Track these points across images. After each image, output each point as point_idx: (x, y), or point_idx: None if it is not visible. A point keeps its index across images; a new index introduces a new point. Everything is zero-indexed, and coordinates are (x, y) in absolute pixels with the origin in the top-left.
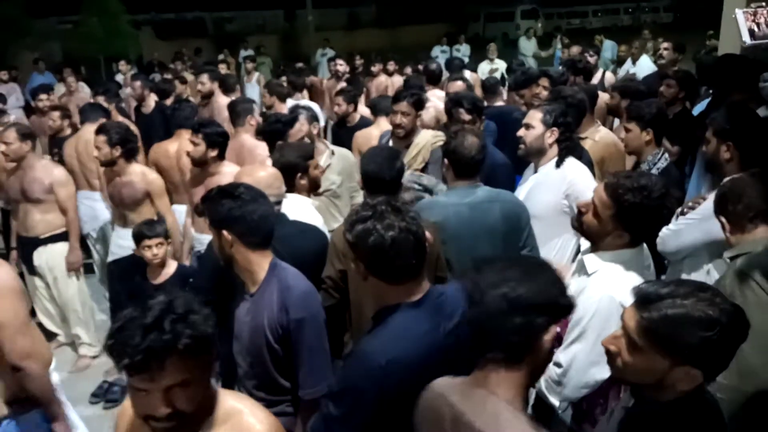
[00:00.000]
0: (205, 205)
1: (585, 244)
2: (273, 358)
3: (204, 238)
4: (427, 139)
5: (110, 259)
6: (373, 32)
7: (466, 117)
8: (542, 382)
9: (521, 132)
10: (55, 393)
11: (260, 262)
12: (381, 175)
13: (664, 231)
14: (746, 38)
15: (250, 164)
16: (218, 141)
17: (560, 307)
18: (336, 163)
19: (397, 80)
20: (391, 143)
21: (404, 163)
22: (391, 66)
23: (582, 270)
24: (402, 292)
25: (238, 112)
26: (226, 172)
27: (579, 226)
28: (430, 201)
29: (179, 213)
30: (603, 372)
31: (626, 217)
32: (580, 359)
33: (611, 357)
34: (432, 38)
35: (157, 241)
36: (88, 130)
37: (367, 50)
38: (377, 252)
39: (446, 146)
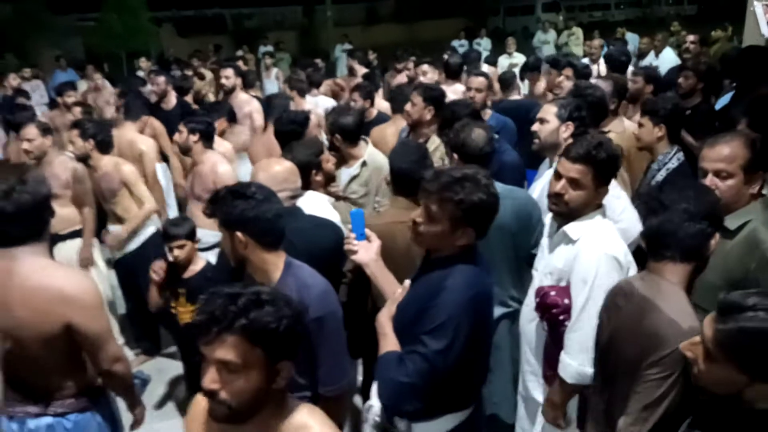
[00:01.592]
0: (215, 207)
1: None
2: None
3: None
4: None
5: (115, 257)
6: (391, 27)
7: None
8: (574, 363)
9: (536, 126)
10: (134, 386)
11: (275, 262)
12: (414, 174)
13: None
14: (765, 31)
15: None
16: (198, 128)
17: (720, 219)
18: (365, 176)
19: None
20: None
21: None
22: (411, 63)
23: (565, 239)
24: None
25: (274, 106)
26: (207, 159)
27: (562, 207)
28: None
29: None
30: None
31: (604, 171)
32: (594, 318)
33: (690, 362)
34: (451, 33)
35: (177, 243)
36: (130, 128)
37: (386, 45)
38: (482, 209)
39: (454, 140)
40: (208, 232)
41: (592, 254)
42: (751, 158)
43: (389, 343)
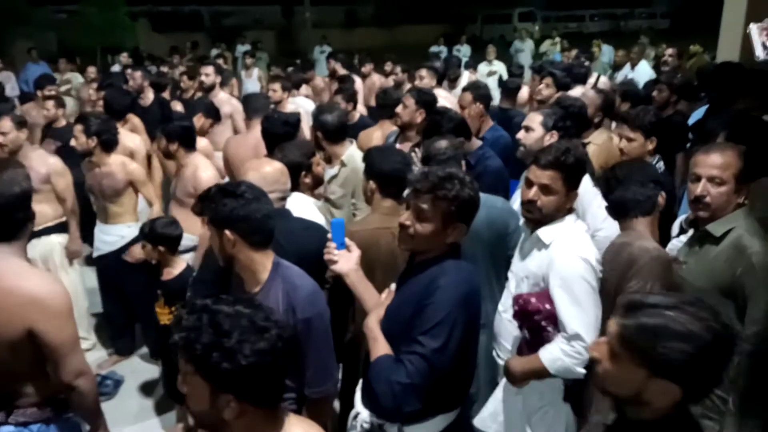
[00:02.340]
0: (204, 205)
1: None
2: None
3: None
4: None
5: (96, 254)
6: (370, 30)
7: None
8: (566, 360)
9: (521, 134)
10: (99, 406)
11: (263, 262)
12: (402, 174)
13: (675, 243)
14: (760, 53)
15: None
16: (176, 134)
17: (660, 182)
18: (342, 176)
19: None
20: (398, 144)
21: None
22: (388, 66)
23: (538, 244)
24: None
25: (256, 107)
26: (189, 163)
27: (536, 213)
28: None
29: None
30: (599, 321)
31: (573, 176)
32: (587, 323)
33: (595, 363)
34: (430, 38)
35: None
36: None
37: (365, 48)
38: (471, 205)
39: (425, 153)
40: (187, 236)
41: (566, 258)
42: (743, 168)
43: (381, 347)
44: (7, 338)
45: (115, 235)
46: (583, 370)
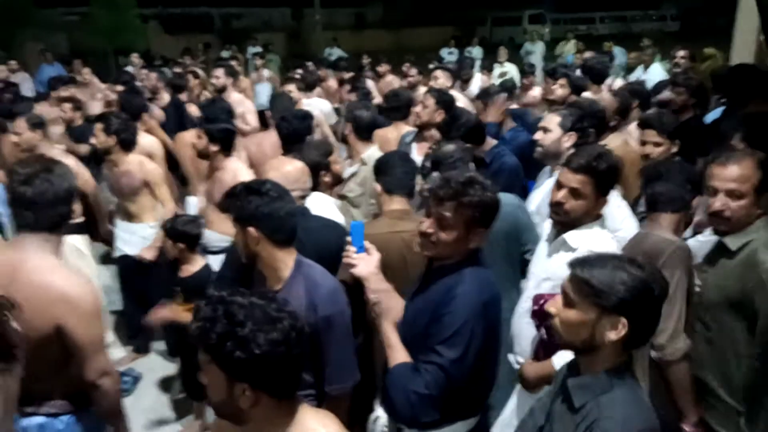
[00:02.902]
0: (229, 201)
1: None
2: None
3: (208, 234)
4: None
5: (117, 254)
6: (379, 33)
7: None
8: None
9: (538, 135)
10: (122, 408)
11: (285, 259)
12: (407, 177)
13: (692, 243)
14: None
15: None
16: (219, 137)
17: (698, 185)
18: (361, 175)
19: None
20: (414, 145)
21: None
22: (406, 67)
23: (564, 247)
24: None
25: (281, 107)
26: (228, 168)
27: (563, 216)
28: None
29: (193, 204)
30: None
31: (604, 182)
32: None
33: (551, 319)
34: (439, 41)
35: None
36: None
37: (374, 51)
38: (493, 208)
39: (433, 158)
40: (225, 237)
41: None
42: (762, 179)
43: (399, 354)
44: (36, 332)
45: (137, 236)
46: None
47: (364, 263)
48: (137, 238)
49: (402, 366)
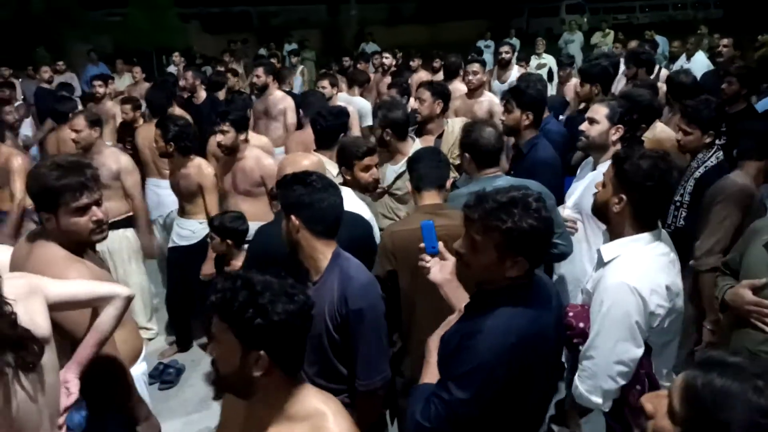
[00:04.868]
0: (278, 190)
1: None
2: (332, 346)
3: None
4: (461, 126)
5: (170, 245)
6: (414, 27)
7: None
8: (577, 382)
9: (584, 126)
10: (139, 394)
11: (324, 251)
12: (442, 171)
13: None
14: None
15: None
16: (245, 124)
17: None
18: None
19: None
20: (419, 139)
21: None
22: (437, 63)
23: (600, 261)
24: (525, 271)
25: (312, 103)
26: (249, 155)
27: (595, 208)
28: (453, 193)
29: None
30: (629, 358)
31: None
32: (606, 351)
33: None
34: (474, 34)
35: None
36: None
37: (409, 45)
38: (534, 237)
39: (465, 140)
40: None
41: (610, 283)
42: None
43: (429, 373)
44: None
45: (187, 229)
46: (599, 400)
47: (438, 268)
48: (187, 231)
49: (423, 387)
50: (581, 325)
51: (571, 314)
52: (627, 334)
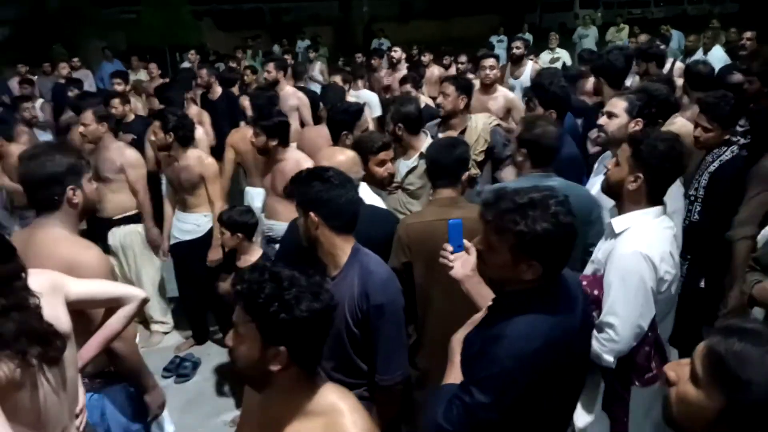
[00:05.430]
0: (294, 186)
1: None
2: (352, 341)
3: (274, 224)
4: (484, 122)
5: (171, 242)
6: (425, 23)
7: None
8: (596, 346)
9: (603, 120)
10: (144, 366)
11: (343, 246)
12: (441, 161)
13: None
14: None
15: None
16: (277, 130)
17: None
18: (422, 168)
19: (452, 72)
20: (440, 135)
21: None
22: (446, 60)
23: (611, 233)
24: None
25: (332, 98)
26: (290, 158)
27: (607, 185)
28: (496, 186)
29: (257, 195)
30: (645, 321)
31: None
32: (626, 316)
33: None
34: (485, 29)
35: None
36: None
37: (420, 41)
38: (549, 241)
39: (524, 135)
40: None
41: (624, 252)
42: None
43: (453, 374)
44: None
45: (191, 223)
46: (611, 359)
47: (461, 264)
48: (190, 225)
49: (447, 388)
50: (595, 292)
51: (584, 283)
52: (643, 299)
